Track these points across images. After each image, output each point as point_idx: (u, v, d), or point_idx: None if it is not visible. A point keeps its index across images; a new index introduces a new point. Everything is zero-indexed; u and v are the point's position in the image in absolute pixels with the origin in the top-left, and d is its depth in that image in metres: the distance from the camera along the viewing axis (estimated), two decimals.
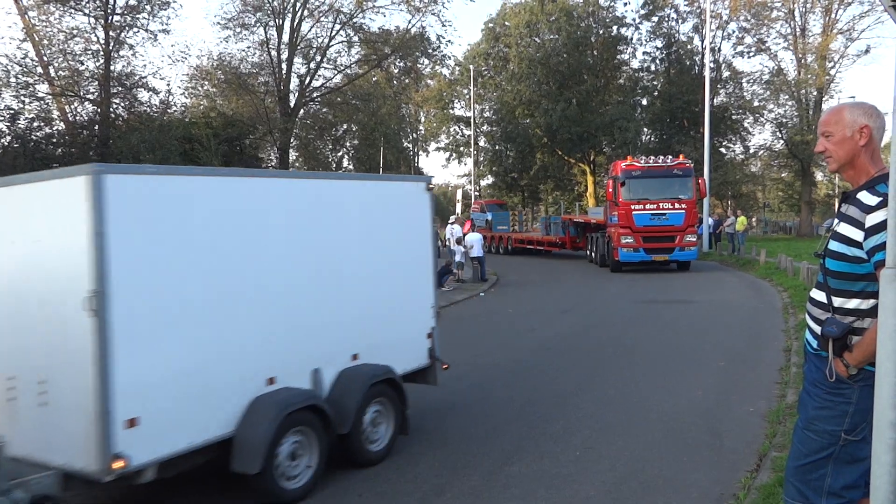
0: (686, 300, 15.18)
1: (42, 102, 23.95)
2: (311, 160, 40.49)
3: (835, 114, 2.98)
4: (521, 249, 33.07)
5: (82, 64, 25.39)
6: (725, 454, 5.50)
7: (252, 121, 31.10)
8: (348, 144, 45.53)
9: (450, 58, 48.28)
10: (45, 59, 24.93)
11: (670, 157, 23.10)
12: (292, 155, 37.79)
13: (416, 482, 5.11)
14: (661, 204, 21.70)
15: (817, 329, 2.96)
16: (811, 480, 2.97)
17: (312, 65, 34.16)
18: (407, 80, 42.83)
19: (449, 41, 74.44)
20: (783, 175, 54.06)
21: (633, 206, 21.72)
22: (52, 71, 25.21)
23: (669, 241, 21.62)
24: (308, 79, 34.20)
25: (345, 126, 41.31)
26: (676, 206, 21.72)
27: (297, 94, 34.05)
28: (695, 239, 22.41)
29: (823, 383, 2.93)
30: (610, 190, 22.90)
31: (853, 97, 42.58)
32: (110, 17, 25.28)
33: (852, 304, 2.86)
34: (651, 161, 22.66)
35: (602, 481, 5.00)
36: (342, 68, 36.24)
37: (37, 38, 24.74)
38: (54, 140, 23.06)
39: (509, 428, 6.36)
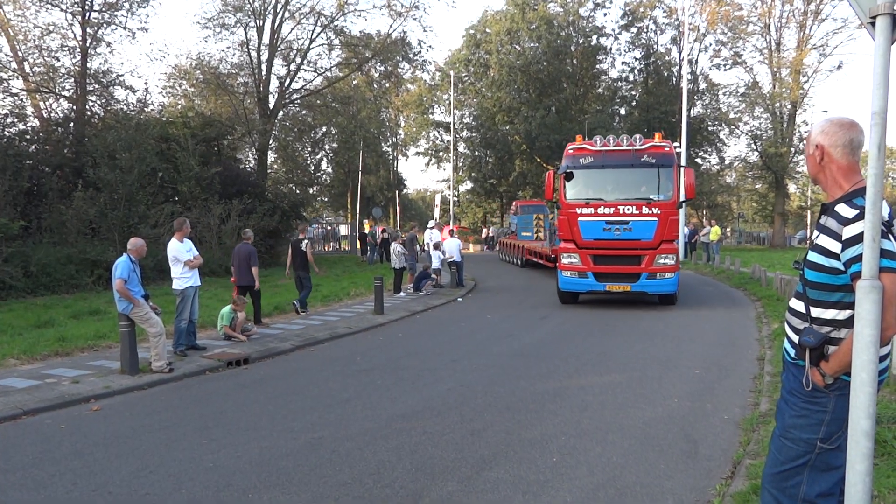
0: (663, 308, 15.33)
1: (16, 98, 23.61)
2: (290, 162, 40.29)
3: (811, 130, 3.06)
4: (533, 263, 26.50)
5: (58, 60, 25.11)
6: (701, 461, 5.55)
7: (230, 121, 30.88)
8: (327, 147, 45.38)
9: (430, 63, 48.47)
10: (20, 54, 24.58)
11: (639, 137, 15.24)
12: (271, 156, 37.57)
13: (393, 487, 5.09)
14: (621, 207, 14.76)
15: (795, 338, 3.01)
16: (787, 488, 3.02)
17: (292, 66, 34.06)
18: (387, 84, 42.86)
19: (430, 46, 74.78)
20: (757, 186, 54.85)
21: (579, 211, 15.07)
22: (27, 67, 24.86)
23: (633, 264, 14.89)
24: (288, 80, 34.10)
25: (324, 129, 41.19)
26: (645, 210, 14.66)
27: (276, 96, 33.91)
28: (673, 261, 14.88)
29: (800, 392, 2.98)
30: (550, 185, 15.93)
31: (825, 111, 43.42)
32: (88, 14, 25.02)
33: (829, 314, 2.91)
34: (612, 143, 15.17)
35: (579, 487, 5.02)
36: (322, 71, 36.20)
37: (11, 33, 24.39)
38: (28, 137, 22.68)
39: (487, 433, 6.36)
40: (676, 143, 17.12)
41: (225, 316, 11.52)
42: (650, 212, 14.63)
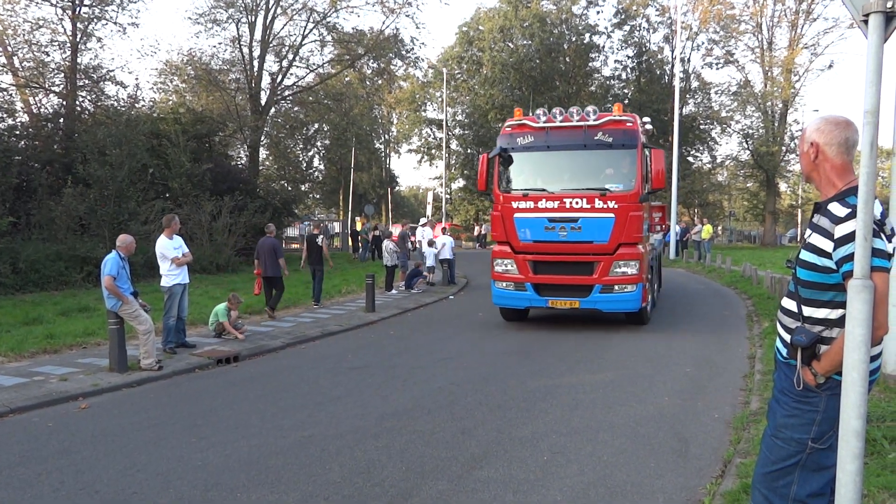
0: (653, 307, 15.36)
1: (5, 93, 23.38)
2: (282, 159, 40.14)
3: (806, 128, 3.05)
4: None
5: (48, 55, 24.91)
6: (691, 460, 5.54)
7: (222, 118, 30.72)
8: (319, 144, 45.22)
9: (423, 60, 48.39)
10: (10, 49, 24.38)
11: (593, 109, 11.92)
12: (262, 153, 37.43)
13: (383, 486, 5.06)
14: (568, 200, 11.69)
15: (787, 338, 3.00)
16: (778, 488, 3.01)
17: (284, 63, 33.92)
18: (380, 81, 42.72)
19: (423, 43, 74.63)
20: (748, 185, 55.11)
21: (515, 205, 12.03)
22: (16, 61, 24.65)
23: (583, 273, 11.75)
24: (280, 77, 33.95)
25: (316, 125, 41.04)
26: (599, 204, 11.51)
27: (268, 92, 33.76)
28: (635, 270, 11.56)
29: (792, 392, 2.97)
30: (483, 173, 12.45)
31: (816, 110, 43.64)
32: (78, 9, 24.81)
33: (821, 313, 2.90)
34: (558, 117, 11.90)
35: (570, 486, 5.01)
36: (315, 67, 36.05)
37: (1, 28, 24.15)
38: (17, 132, 22.50)
39: (478, 432, 6.34)
40: (647, 120, 13.67)
41: (220, 313, 11.46)
42: (605, 206, 11.41)
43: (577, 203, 11.62)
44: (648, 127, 13.33)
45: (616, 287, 11.59)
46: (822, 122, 2.95)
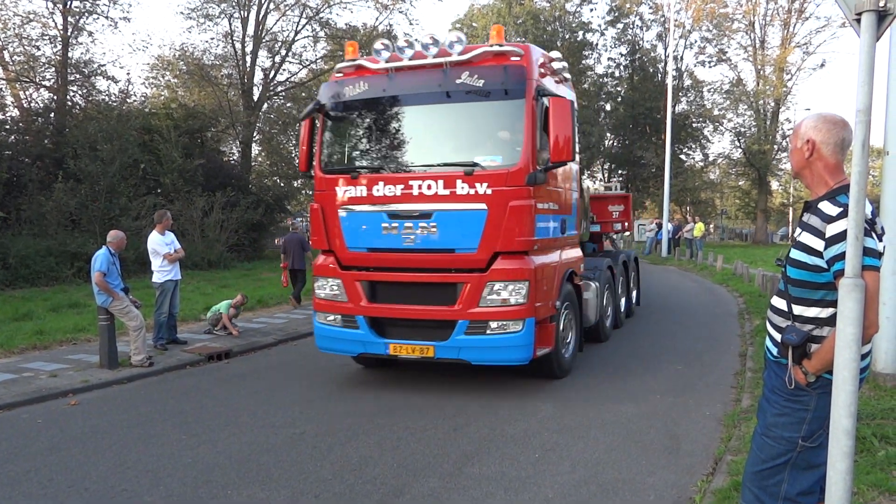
0: (644, 305, 15.37)
1: None
2: (275, 155, 40.01)
3: (799, 124, 3.04)
4: None
5: (38, 49, 24.70)
6: (682, 457, 5.55)
7: (214, 113, 30.57)
8: None
9: None
10: (0, 43, 24.17)
11: (458, 38, 7.32)
12: (255, 149, 37.29)
13: (375, 483, 5.06)
14: (416, 184, 7.37)
15: (777, 336, 3.00)
16: (768, 486, 3.01)
17: (277, 58, 33.74)
18: None
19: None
20: (740, 183, 55.30)
21: (341, 193, 7.80)
22: (6, 55, 24.46)
23: (439, 301, 7.42)
24: (273, 72, 33.77)
25: None
26: (463, 189, 7.18)
27: (261, 88, 33.60)
28: (522, 297, 7.12)
29: (782, 390, 2.97)
30: (305, 146, 8.31)
31: (808, 109, 43.81)
32: (69, 2, 24.62)
33: (812, 312, 2.90)
34: (407, 53, 7.60)
35: (561, 484, 5.01)
36: (308, 63, 35.88)
37: None
38: (7, 127, 22.33)
39: (469, 429, 6.34)
40: (557, 56, 8.49)
41: (223, 307, 11.46)
42: (473, 192, 7.09)
43: (430, 187, 7.24)
44: (558, 66, 8.22)
45: (491, 325, 7.14)
46: (820, 119, 2.94)
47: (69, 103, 24.85)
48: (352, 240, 7.77)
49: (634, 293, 14.08)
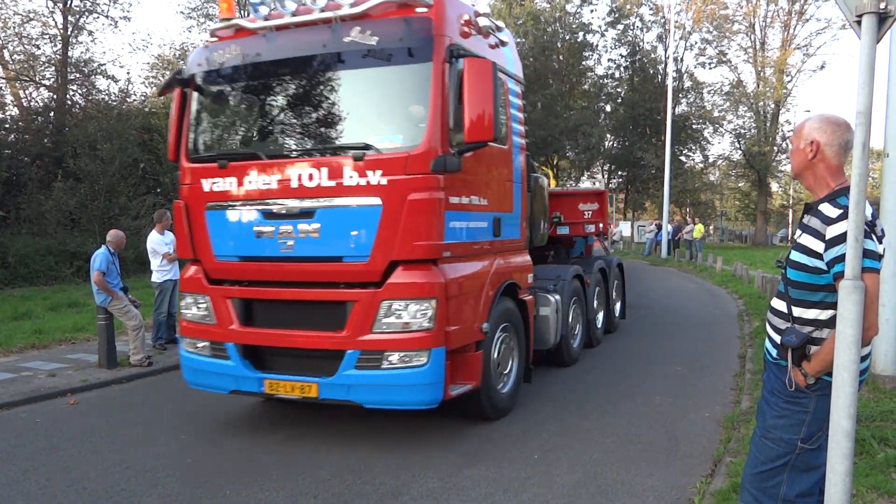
0: (644, 306, 15.37)
1: None
2: None
3: (801, 124, 3.04)
4: None
5: (38, 48, 24.70)
6: (681, 459, 5.55)
7: None
8: None
9: None
10: (0, 42, 24.17)
11: None
12: None
13: (374, 484, 5.05)
14: (293, 173, 5.75)
15: (777, 338, 3.00)
16: (767, 488, 3.01)
17: None
18: None
19: None
20: (740, 185, 55.27)
21: (207, 185, 6.12)
22: (6, 54, 24.45)
23: (322, 326, 5.71)
24: None
25: None
26: (352, 179, 5.51)
27: None
28: (429, 320, 5.42)
29: (782, 392, 2.97)
30: (174, 130, 6.44)
31: (808, 111, 43.87)
32: (69, 2, 24.63)
33: (811, 314, 2.90)
34: (288, 8, 5.83)
35: (560, 485, 5.00)
36: None
37: None
38: (7, 126, 22.34)
39: (468, 430, 6.33)
40: (476, 6, 7.89)
41: None
42: (361, 182, 5.54)
43: (311, 178, 5.71)
44: (484, 23, 6.38)
45: (389, 357, 5.54)
46: (824, 121, 2.93)
47: (69, 102, 24.85)
48: (220, 246, 6.12)
49: (618, 305, 12.01)
